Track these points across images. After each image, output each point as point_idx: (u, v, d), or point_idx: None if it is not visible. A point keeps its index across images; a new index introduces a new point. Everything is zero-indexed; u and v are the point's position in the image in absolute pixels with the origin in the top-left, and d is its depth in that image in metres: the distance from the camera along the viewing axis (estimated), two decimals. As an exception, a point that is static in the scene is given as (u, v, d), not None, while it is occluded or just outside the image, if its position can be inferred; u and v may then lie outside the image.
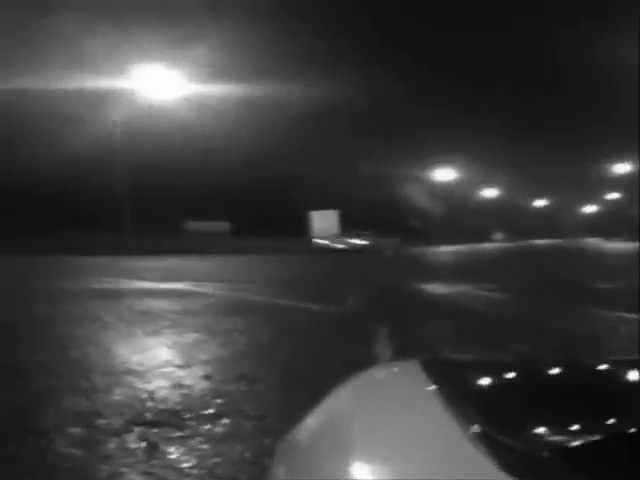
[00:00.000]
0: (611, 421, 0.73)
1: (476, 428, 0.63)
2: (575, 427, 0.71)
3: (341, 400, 0.81)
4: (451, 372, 0.90)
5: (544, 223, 76.52)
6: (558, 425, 0.71)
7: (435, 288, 12.27)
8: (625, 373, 1.02)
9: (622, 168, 71.18)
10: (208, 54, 30.72)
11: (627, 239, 65.25)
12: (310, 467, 0.65)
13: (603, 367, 1.07)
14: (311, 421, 0.76)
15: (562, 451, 0.63)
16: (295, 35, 37.33)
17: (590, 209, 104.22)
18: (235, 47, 32.25)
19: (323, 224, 47.81)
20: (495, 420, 0.68)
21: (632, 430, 0.68)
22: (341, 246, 36.51)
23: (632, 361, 1.06)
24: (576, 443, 0.64)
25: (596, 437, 0.66)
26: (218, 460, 2.91)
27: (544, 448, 0.63)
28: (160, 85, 34.63)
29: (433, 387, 0.75)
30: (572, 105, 54.42)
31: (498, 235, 53.87)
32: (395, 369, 0.99)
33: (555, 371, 1.03)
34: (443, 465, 0.58)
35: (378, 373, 0.95)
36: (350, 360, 4.92)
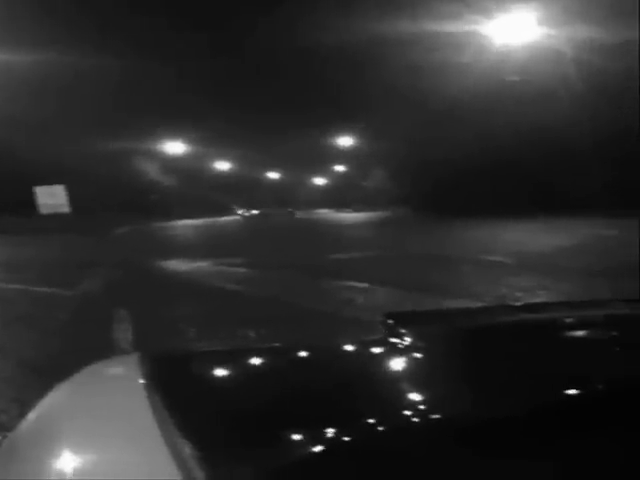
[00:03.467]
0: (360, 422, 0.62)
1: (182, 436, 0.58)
2: (307, 434, 0.58)
3: (53, 399, 0.79)
4: (174, 368, 0.86)
5: (278, 196, 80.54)
6: (289, 433, 0.59)
7: (176, 265, 12.27)
8: (382, 356, 0.87)
9: (348, 142, 77.11)
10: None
11: (356, 210, 71.18)
12: (19, 466, 0.64)
13: (348, 350, 0.91)
14: (27, 419, 0.75)
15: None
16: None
17: (321, 181, 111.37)
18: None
19: (50, 200, 44.92)
20: (209, 424, 0.63)
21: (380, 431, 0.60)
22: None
23: (381, 341, 0.88)
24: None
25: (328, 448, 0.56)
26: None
27: (266, 462, 0.54)
28: None
29: (144, 387, 0.73)
30: (296, 84, 58.02)
31: (238, 208, 55.66)
32: (113, 366, 0.95)
33: (299, 361, 0.90)
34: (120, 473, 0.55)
35: (94, 370, 0.89)
36: (88, 348, 4.83)
